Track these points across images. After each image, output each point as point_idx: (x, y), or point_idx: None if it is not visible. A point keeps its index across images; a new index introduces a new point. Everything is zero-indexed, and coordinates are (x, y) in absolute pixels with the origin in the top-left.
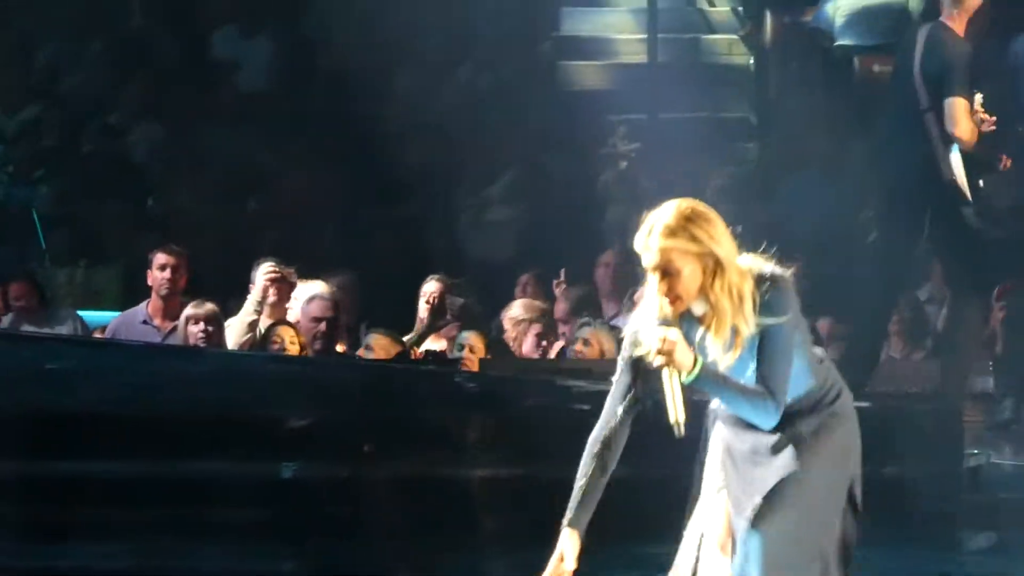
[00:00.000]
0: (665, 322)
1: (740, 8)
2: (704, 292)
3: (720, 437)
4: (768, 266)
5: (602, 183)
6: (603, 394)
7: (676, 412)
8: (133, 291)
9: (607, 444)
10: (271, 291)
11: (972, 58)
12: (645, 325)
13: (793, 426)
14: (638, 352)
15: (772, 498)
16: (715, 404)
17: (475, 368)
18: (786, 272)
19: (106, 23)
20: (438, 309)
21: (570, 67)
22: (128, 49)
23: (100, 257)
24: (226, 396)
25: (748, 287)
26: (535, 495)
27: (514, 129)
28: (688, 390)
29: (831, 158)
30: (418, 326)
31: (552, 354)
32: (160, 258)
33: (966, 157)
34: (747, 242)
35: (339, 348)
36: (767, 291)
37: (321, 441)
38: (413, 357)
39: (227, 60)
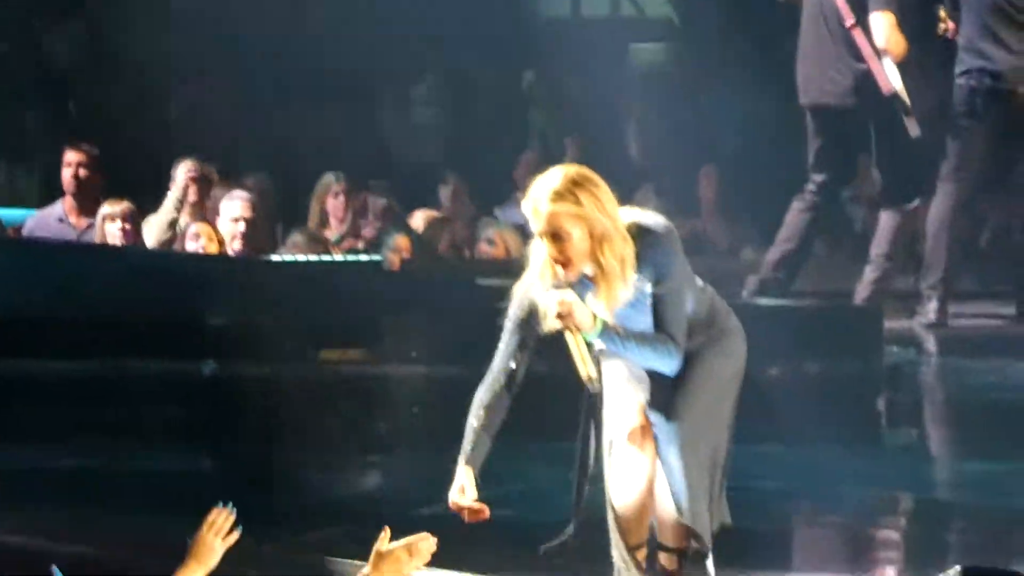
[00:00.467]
0: (559, 285)
1: None
2: (593, 255)
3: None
4: (649, 218)
5: (525, 85)
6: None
7: (586, 369)
8: (52, 191)
9: (491, 407)
10: (191, 190)
11: None
12: (537, 289)
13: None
14: (535, 315)
15: (679, 388)
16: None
17: (396, 268)
18: (667, 224)
19: None
20: (359, 210)
21: None
22: None
23: (19, 157)
24: (145, 295)
25: (630, 250)
26: (454, 392)
27: (438, 33)
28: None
29: (750, 64)
30: (336, 225)
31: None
32: (69, 156)
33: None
34: (668, 143)
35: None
36: (650, 246)
37: (241, 340)
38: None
39: None
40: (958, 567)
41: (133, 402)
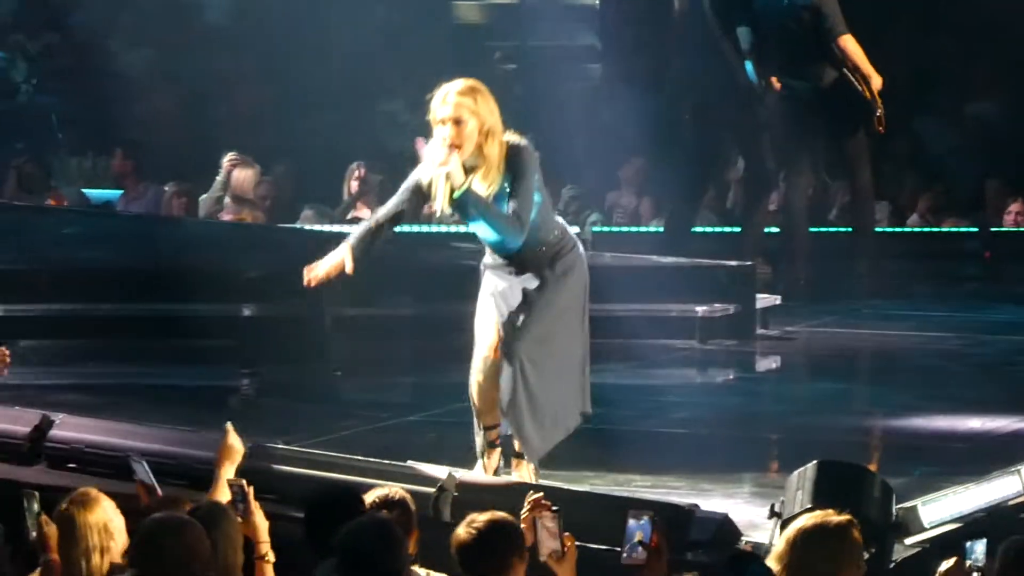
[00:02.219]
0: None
1: None
2: (478, 145)
3: (488, 283)
4: (519, 138)
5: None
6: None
7: (442, 203)
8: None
9: (380, 228)
10: (232, 174)
11: None
12: (428, 168)
13: (541, 267)
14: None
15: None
16: (486, 260)
17: None
18: (530, 145)
19: None
20: (362, 183)
21: (461, 6)
22: None
23: (103, 149)
24: (200, 253)
25: (503, 150)
26: (431, 328)
27: (418, 53)
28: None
29: (655, 73)
30: (346, 198)
31: None
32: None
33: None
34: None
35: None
36: (516, 155)
37: (271, 287)
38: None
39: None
40: (815, 461)
41: (193, 336)
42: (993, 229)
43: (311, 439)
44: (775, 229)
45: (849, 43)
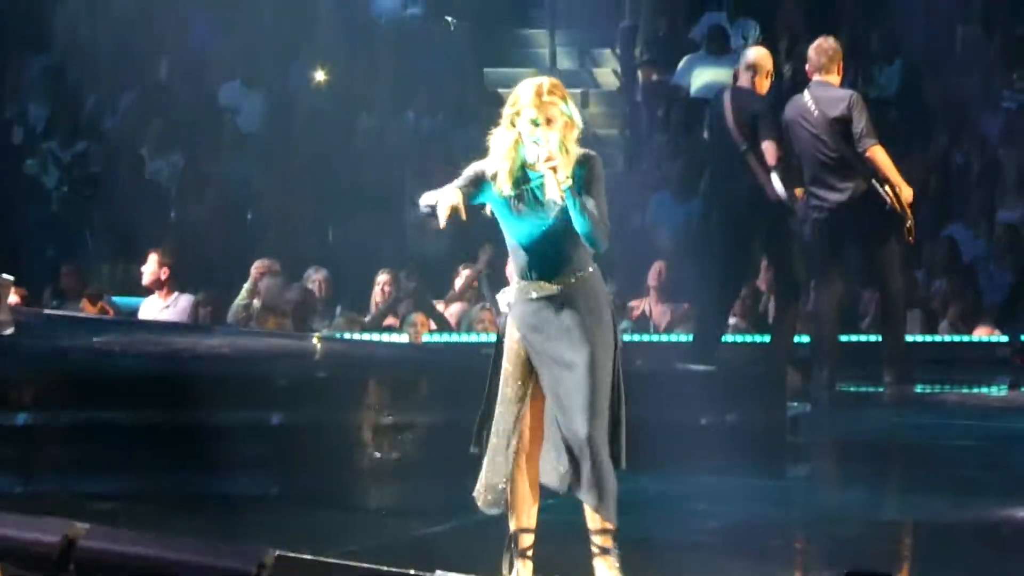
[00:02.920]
0: (552, 165)
1: (618, 69)
2: (561, 143)
3: (517, 337)
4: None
5: None
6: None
7: (556, 190)
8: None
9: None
10: (260, 282)
11: (772, 109)
12: (495, 163)
13: (577, 303)
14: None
15: (584, 357)
16: (514, 296)
17: (419, 340)
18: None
19: (138, 77)
20: (390, 294)
21: (492, 112)
22: (154, 97)
23: (134, 256)
24: (230, 360)
25: (575, 151)
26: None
27: (449, 159)
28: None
29: (685, 180)
30: (374, 309)
31: None
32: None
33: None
34: (624, 244)
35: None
36: (588, 158)
37: (302, 395)
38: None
39: (230, 106)
40: (845, 572)
41: (213, 440)
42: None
43: (338, 548)
44: (806, 338)
45: (879, 154)
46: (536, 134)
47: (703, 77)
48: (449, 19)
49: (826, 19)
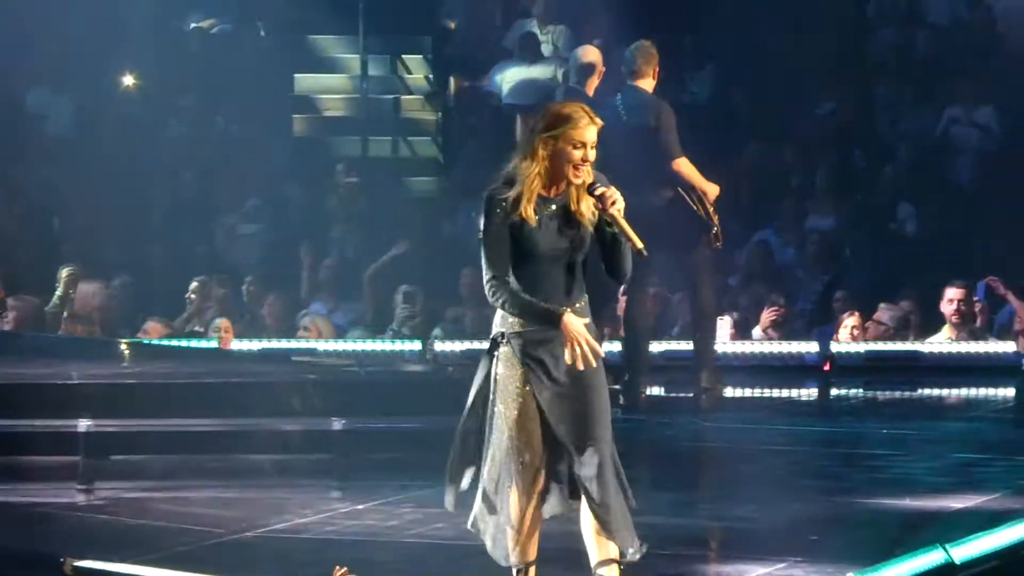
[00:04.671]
0: (596, 193)
1: (430, 75)
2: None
3: (515, 366)
4: None
5: (328, 207)
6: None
7: (636, 240)
8: None
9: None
10: (70, 289)
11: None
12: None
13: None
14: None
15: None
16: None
17: (228, 346)
18: None
19: None
20: (201, 298)
21: (302, 119)
22: None
23: None
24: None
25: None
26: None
27: (259, 165)
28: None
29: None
30: (188, 312)
31: None
32: None
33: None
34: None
35: None
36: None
37: (110, 401)
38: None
39: (38, 112)
40: None
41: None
42: (833, 343)
43: (143, 555)
44: (616, 345)
45: (684, 166)
46: (580, 160)
47: (515, 83)
48: (259, 24)
49: (638, 25)
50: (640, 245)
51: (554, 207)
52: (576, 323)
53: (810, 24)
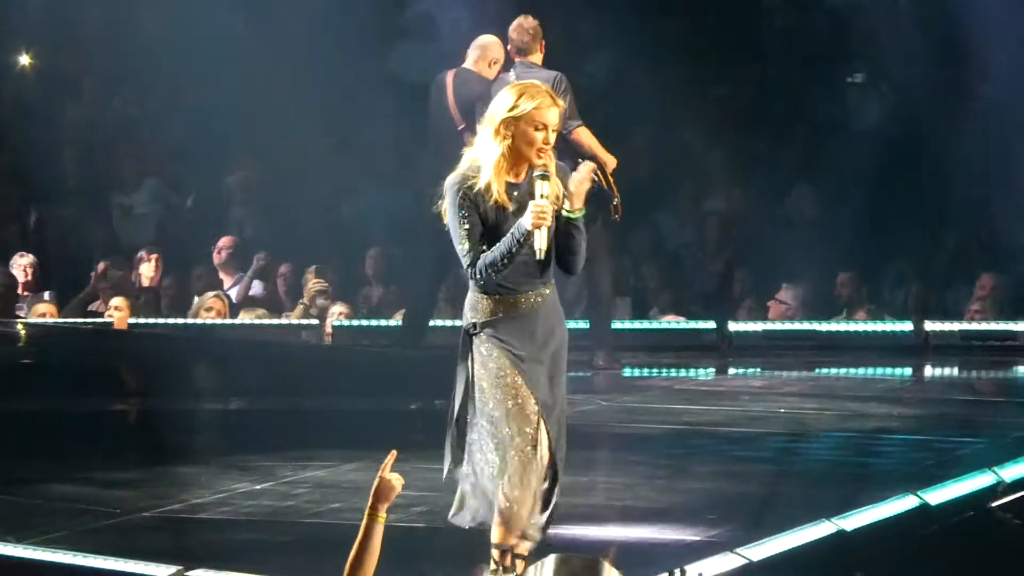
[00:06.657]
0: (543, 174)
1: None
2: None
3: (495, 358)
4: None
5: (226, 187)
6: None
7: (544, 243)
8: None
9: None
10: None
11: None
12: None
13: (552, 317)
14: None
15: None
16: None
17: (125, 326)
18: None
19: None
20: (100, 279)
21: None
22: None
23: None
24: None
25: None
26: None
27: (157, 146)
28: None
29: (398, 165)
30: (87, 291)
31: None
32: None
33: None
34: (338, 227)
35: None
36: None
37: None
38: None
39: None
40: (552, 555)
41: None
42: (731, 323)
43: (38, 535)
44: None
45: (584, 135)
46: (543, 142)
47: (413, 63)
48: None
49: (536, 6)
50: (541, 248)
51: (518, 192)
52: (540, 201)
53: (706, 6)
